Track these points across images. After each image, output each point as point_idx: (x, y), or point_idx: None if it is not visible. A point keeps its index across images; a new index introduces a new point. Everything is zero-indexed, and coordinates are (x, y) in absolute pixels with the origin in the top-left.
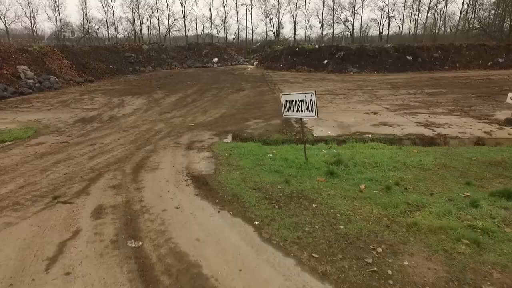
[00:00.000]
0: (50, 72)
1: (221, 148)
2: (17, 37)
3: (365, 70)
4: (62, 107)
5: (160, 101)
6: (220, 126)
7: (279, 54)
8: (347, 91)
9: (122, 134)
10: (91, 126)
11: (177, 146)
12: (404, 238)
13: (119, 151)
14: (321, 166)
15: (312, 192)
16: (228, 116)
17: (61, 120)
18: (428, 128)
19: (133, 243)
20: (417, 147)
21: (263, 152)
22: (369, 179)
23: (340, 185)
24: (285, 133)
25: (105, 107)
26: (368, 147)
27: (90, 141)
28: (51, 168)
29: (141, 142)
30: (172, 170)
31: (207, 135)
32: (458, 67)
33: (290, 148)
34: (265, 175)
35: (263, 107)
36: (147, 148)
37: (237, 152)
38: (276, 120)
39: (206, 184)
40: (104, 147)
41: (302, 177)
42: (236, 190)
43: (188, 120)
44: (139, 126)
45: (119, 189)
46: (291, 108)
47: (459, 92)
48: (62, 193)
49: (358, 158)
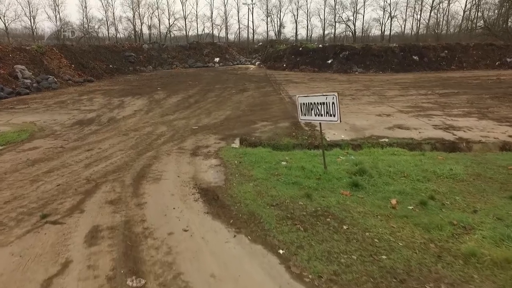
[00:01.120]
0: (49, 71)
1: (230, 154)
2: (17, 36)
3: (370, 70)
4: (60, 108)
5: (162, 102)
6: (226, 129)
7: (282, 53)
8: (355, 92)
9: (122, 138)
10: (89, 129)
11: (181, 152)
12: (464, 274)
13: (118, 158)
14: (342, 176)
15: (339, 210)
16: (234, 118)
17: (58, 122)
18: (447, 131)
19: (134, 282)
20: (441, 153)
21: (276, 159)
22: (399, 192)
23: (368, 199)
24: (295, 137)
25: (105, 108)
26: (388, 153)
27: (87, 146)
28: (42, 178)
29: (142, 147)
30: (177, 180)
31: (212, 140)
32: (465, 67)
33: (303, 155)
34: (282, 188)
35: (269, 109)
36: (149, 154)
37: (247, 159)
38: (284, 123)
39: (217, 199)
40: (102, 152)
41: (323, 189)
42: (252, 207)
43: (191, 123)
44: (140, 129)
45: (118, 205)
46: (308, 112)
47: (472, 92)
48: (53, 210)
49: (381, 166)
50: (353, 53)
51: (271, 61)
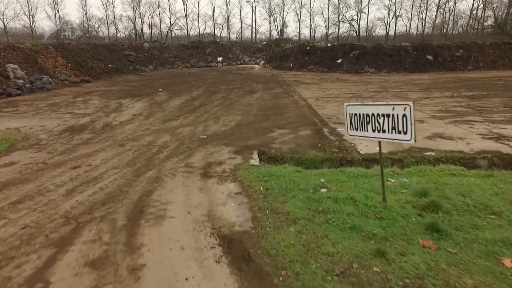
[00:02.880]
0: (43, 71)
1: (250, 175)
2: (16, 36)
3: (382, 70)
4: (51, 112)
5: (164, 104)
6: (239, 139)
7: (289, 53)
8: (373, 94)
9: (117, 150)
10: (79, 138)
11: (189, 172)
12: None
13: (110, 180)
14: (409, 212)
15: (437, 280)
16: (246, 124)
17: (46, 128)
18: (500, 142)
19: None
20: (510, 172)
21: (311, 183)
22: (502, 242)
23: (465, 257)
24: (322, 149)
25: (100, 112)
26: (445, 172)
27: (74, 161)
28: (7, 213)
29: (140, 163)
30: (187, 220)
31: (226, 153)
32: (482, 67)
33: (342, 175)
34: (338, 237)
35: (284, 113)
36: (149, 174)
37: (275, 184)
38: (305, 130)
39: (249, 260)
40: (91, 171)
41: (395, 238)
42: (305, 278)
43: (198, 131)
44: (138, 138)
45: (103, 272)
46: (363, 126)
47: (503, 95)
48: (2, 281)
49: (451, 195)
50: (364, 53)
51: (277, 61)
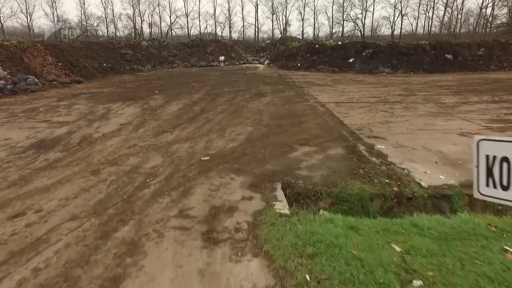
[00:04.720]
0: (30, 71)
1: (282, 241)
2: (13, 35)
3: (399, 70)
4: (26, 119)
5: (158, 111)
6: (253, 161)
7: (296, 51)
8: (400, 98)
9: (87, 181)
10: (44, 159)
11: (184, 229)
12: None
13: (58, 248)
14: None
15: None
16: (259, 139)
17: (9, 143)
18: None
19: None
20: None
21: (386, 259)
22: None
23: None
24: (367, 178)
25: (83, 120)
26: None
27: (21, 201)
28: None
29: (114, 209)
30: None
31: (237, 187)
32: (507, 67)
33: (423, 238)
34: None
35: (303, 123)
36: (122, 234)
37: (328, 266)
38: (335, 148)
39: None
40: (35, 226)
41: None
42: None
43: (199, 148)
44: (120, 160)
45: None
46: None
47: None
48: None
49: None
50: (377, 52)
51: (283, 60)
